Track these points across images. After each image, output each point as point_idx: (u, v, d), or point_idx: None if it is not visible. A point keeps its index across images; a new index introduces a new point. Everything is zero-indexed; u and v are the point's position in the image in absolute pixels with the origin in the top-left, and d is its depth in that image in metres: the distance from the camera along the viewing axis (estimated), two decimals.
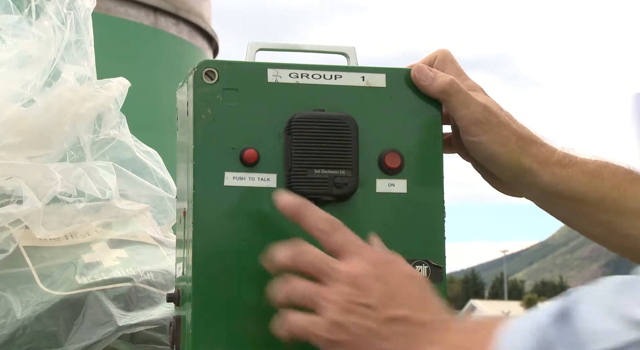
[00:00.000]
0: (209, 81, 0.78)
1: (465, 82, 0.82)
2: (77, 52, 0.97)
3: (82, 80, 0.97)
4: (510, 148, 0.81)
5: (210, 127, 0.78)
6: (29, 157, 0.95)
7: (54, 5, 0.96)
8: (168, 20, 7.51)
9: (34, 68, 0.94)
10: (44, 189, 0.93)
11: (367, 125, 0.79)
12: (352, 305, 0.67)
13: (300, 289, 0.70)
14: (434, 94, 0.80)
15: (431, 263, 0.80)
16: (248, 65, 0.80)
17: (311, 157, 0.77)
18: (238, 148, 0.77)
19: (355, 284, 0.68)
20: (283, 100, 0.79)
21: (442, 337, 0.66)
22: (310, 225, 0.72)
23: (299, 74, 0.79)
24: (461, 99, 0.80)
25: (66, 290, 0.92)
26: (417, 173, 0.80)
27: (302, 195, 0.76)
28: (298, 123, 0.78)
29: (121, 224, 1.03)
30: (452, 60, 0.85)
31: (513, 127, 0.82)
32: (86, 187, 0.98)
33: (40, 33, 0.95)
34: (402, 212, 0.80)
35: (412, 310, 0.68)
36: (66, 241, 0.96)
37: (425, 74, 0.81)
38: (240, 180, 0.77)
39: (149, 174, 1.08)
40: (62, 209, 0.96)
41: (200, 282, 0.76)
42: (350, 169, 0.78)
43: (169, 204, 1.10)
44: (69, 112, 0.96)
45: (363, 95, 0.80)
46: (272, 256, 0.72)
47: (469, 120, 0.80)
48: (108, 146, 1.04)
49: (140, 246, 1.02)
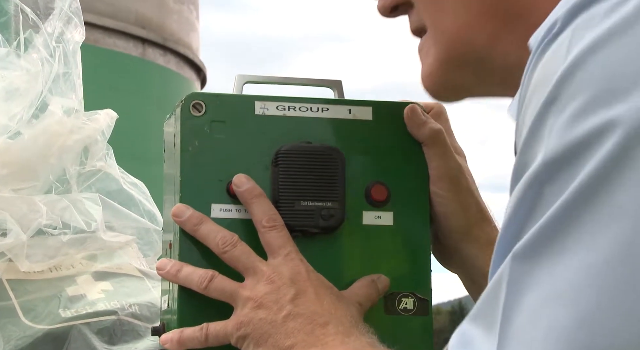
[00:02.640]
0: (197, 113, 0.78)
1: (452, 142, 0.83)
2: (65, 85, 0.98)
3: (69, 112, 0.98)
4: (468, 215, 0.81)
5: (197, 159, 0.78)
6: (14, 189, 0.95)
7: (42, 38, 0.97)
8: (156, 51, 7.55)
9: (21, 101, 0.94)
10: (29, 222, 0.92)
11: (354, 157, 0.80)
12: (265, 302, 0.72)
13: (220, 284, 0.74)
14: (420, 137, 0.81)
15: (417, 296, 0.80)
16: (235, 97, 0.81)
17: (298, 189, 0.78)
18: (225, 180, 0.78)
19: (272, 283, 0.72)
20: (270, 132, 0.79)
21: (343, 340, 0.68)
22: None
23: (286, 106, 0.80)
24: (442, 151, 0.81)
25: (49, 324, 0.91)
26: (403, 205, 0.81)
27: (289, 227, 0.76)
28: (285, 155, 0.78)
29: (106, 256, 1.02)
30: (446, 118, 0.86)
31: (477, 199, 0.83)
32: (71, 219, 0.97)
33: (29, 66, 0.95)
34: (388, 245, 0.80)
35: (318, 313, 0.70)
36: (50, 274, 0.96)
37: (418, 116, 0.82)
38: (227, 212, 0.78)
39: (135, 206, 1.08)
40: (47, 241, 0.96)
41: (185, 315, 0.76)
42: (337, 201, 0.78)
43: (155, 236, 1.09)
44: (55, 145, 0.96)
45: (350, 128, 0.81)
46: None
47: (442, 173, 0.80)
48: (94, 178, 1.04)
49: (126, 278, 1.01)
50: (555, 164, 0.47)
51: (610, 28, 0.47)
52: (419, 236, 0.81)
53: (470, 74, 0.68)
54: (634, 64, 0.46)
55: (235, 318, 0.73)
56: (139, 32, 7.25)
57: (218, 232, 0.75)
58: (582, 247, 0.45)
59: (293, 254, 0.74)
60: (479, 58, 0.66)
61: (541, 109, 0.48)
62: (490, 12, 0.64)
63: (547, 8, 0.54)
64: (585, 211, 0.45)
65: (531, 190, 0.48)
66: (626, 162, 0.45)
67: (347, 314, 0.72)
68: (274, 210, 0.76)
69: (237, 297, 0.73)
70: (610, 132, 0.45)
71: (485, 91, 0.72)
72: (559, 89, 0.47)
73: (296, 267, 0.74)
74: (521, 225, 0.48)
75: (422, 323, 0.80)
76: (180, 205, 0.77)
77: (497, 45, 0.65)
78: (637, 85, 0.45)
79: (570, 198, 0.46)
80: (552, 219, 0.46)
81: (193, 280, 0.75)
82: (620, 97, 0.45)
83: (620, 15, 0.47)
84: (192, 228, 0.76)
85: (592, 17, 0.48)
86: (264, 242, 0.75)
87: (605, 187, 0.45)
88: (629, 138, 0.45)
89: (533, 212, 0.47)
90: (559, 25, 0.49)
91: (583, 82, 0.47)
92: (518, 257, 0.47)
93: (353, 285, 0.78)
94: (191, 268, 0.76)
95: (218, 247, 0.75)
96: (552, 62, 0.49)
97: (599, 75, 0.46)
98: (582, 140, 0.46)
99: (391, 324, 0.79)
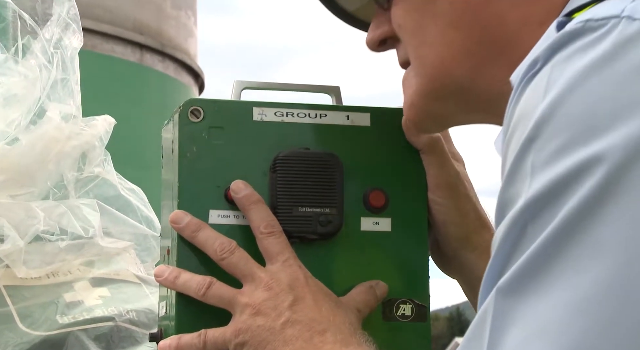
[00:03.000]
0: (195, 119, 0.78)
1: (450, 148, 0.84)
2: (62, 91, 0.98)
3: (67, 118, 0.98)
4: (467, 222, 0.81)
5: (196, 165, 0.78)
6: (11, 195, 0.95)
7: (40, 44, 0.97)
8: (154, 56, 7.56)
9: (19, 107, 0.94)
10: (26, 228, 0.92)
11: (352, 163, 0.80)
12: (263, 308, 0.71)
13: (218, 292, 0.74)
14: (418, 144, 0.81)
15: (415, 302, 0.80)
16: (234, 103, 0.81)
17: (296, 195, 0.78)
18: (223, 186, 0.78)
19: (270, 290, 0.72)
20: (268, 138, 0.79)
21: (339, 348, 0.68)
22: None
23: (284, 112, 0.80)
24: (440, 159, 0.81)
25: (46, 330, 0.91)
26: (401, 212, 0.81)
27: (287, 234, 0.76)
28: (283, 161, 0.78)
29: (104, 262, 1.02)
30: None
31: (476, 206, 0.83)
32: (69, 225, 0.97)
33: (27, 72, 0.95)
34: (386, 251, 0.80)
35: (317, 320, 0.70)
36: (47, 280, 0.96)
37: None
38: (225, 218, 0.77)
39: (133, 212, 1.08)
40: (44, 247, 0.96)
41: (183, 321, 0.76)
42: (335, 208, 0.78)
43: (153, 242, 1.09)
44: (53, 151, 0.96)
45: (348, 134, 0.81)
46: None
47: (440, 181, 0.80)
48: (92, 184, 1.04)
49: (123, 284, 1.01)
50: (538, 202, 0.47)
51: (587, 65, 0.48)
52: (417, 242, 0.81)
53: (452, 105, 0.69)
54: (611, 101, 0.46)
55: (233, 325, 0.73)
56: (137, 38, 7.26)
57: (216, 238, 0.75)
58: (565, 283, 0.45)
59: (291, 260, 0.74)
60: (460, 90, 0.67)
61: (522, 146, 0.49)
62: (473, 47, 0.65)
63: (530, 43, 0.55)
64: (567, 247, 0.46)
65: (515, 227, 0.48)
66: (607, 198, 0.45)
67: (345, 321, 0.72)
68: (272, 217, 0.76)
69: (236, 304, 0.73)
70: (591, 169, 0.46)
71: (467, 119, 0.73)
72: (539, 127, 0.48)
73: (294, 274, 0.73)
74: (505, 261, 0.48)
75: (420, 329, 0.80)
76: (179, 212, 0.77)
77: (480, 78, 0.66)
78: (615, 123, 0.46)
79: (552, 234, 0.46)
80: (535, 254, 0.47)
81: (191, 287, 0.75)
82: (599, 134, 0.46)
83: (596, 52, 0.48)
84: (190, 235, 0.76)
85: (570, 54, 0.49)
86: (262, 249, 0.75)
87: (586, 224, 0.45)
88: (609, 175, 0.45)
89: (517, 248, 0.48)
90: (540, 62, 0.50)
91: (562, 120, 0.47)
92: (502, 292, 0.47)
93: (351, 292, 0.78)
94: (189, 275, 0.75)
95: (216, 253, 0.75)
96: (532, 99, 0.50)
97: (577, 113, 0.47)
98: (563, 178, 0.46)
99: (389, 331, 0.79)
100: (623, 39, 0.47)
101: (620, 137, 0.45)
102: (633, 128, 0.45)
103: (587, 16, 0.50)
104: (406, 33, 0.69)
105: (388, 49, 0.74)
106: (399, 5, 0.69)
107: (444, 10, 0.66)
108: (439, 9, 0.66)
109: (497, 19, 0.64)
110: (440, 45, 0.66)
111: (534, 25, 0.62)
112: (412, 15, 0.68)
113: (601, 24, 0.48)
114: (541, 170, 0.47)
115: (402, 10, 0.69)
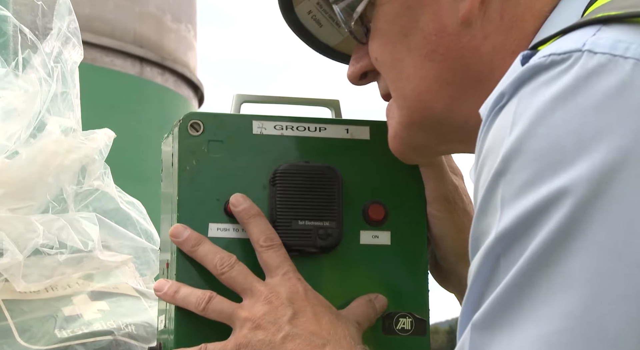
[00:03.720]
0: (195, 133, 0.79)
1: (449, 162, 0.84)
2: (62, 104, 0.98)
3: (67, 132, 0.98)
4: (464, 237, 0.81)
5: (195, 178, 0.78)
6: (10, 209, 0.95)
7: (40, 57, 0.97)
8: (154, 70, 7.58)
9: (19, 120, 0.94)
10: (25, 241, 0.92)
11: (351, 177, 0.80)
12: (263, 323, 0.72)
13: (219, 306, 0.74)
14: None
15: (415, 316, 0.80)
16: (233, 117, 0.81)
17: (295, 208, 0.78)
18: (222, 199, 0.78)
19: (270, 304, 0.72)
20: (268, 152, 0.79)
21: None
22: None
23: (283, 126, 0.80)
24: (438, 173, 0.81)
25: (45, 345, 0.90)
26: (400, 225, 0.81)
27: (286, 247, 0.76)
28: (282, 175, 0.78)
29: (103, 276, 1.02)
30: None
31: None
32: (68, 238, 0.97)
33: (27, 85, 0.95)
34: (385, 264, 0.80)
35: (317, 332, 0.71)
36: (46, 294, 0.95)
37: None
38: (225, 231, 0.77)
39: (132, 225, 1.08)
40: (43, 261, 0.95)
41: (182, 334, 0.76)
42: (335, 221, 0.78)
43: (152, 255, 1.09)
44: (52, 164, 0.96)
45: (347, 148, 0.81)
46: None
47: (438, 194, 0.81)
48: (91, 197, 1.04)
49: (122, 298, 1.01)
50: (509, 236, 0.48)
51: (551, 99, 0.49)
52: (417, 256, 0.81)
53: (433, 135, 0.71)
54: (575, 135, 0.47)
55: (233, 339, 0.73)
56: (136, 51, 7.28)
57: (216, 253, 0.75)
58: (537, 316, 0.46)
59: (290, 274, 0.74)
60: (440, 121, 0.69)
61: (492, 179, 0.50)
62: (448, 79, 0.67)
63: (504, 73, 0.56)
64: (538, 280, 0.46)
65: (487, 261, 0.49)
66: (574, 231, 0.46)
67: (346, 335, 0.72)
68: (272, 230, 0.76)
69: (235, 318, 0.73)
70: (558, 202, 0.47)
71: (449, 149, 0.75)
72: (507, 161, 0.49)
73: (294, 287, 0.73)
74: (479, 296, 0.49)
75: (420, 343, 0.79)
76: (178, 226, 0.77)
77: (457, 109, 0.67)
78: (580, 156, 0.47)
79: (523, 268, 0.47)
80: (506, 288, 0.47)
81: (191, 302, 0.74)
82: (565, 167, 0.47)
83: (559, 86, 0.49)
84: (190, 249, 0.76)
85: (535, 88, 0.50)
86: (262, 262, 0.75)
87: (555, 257, 0.46)
88: (576, 208, 0.46)
89: (490, 283, 0.49)
90: (507, 96, 0.52)
91: (529, 154, 0.48)
92: (477, 327, 0.48)
93: (351, 305, 0.78)
94: (189, 289, 0.75)
95: (216, 268, 0.75)
96: (499, 132, 0.51)
97: (543, 147, 0.48)
98: (532, 212, 0.47)
99: (389, 344, 0.79)
100: (584, 73, 0.48)
101: (585, 170, 0.46)
102: (596, 160, 0.46)
103: (551, 50, 0.51)
104: (383, 66, 0.71)
105: (369, 82, 0.76)
106: (376, 39, 0.70)
107: (419, 43, 0.67)
108: (413, 42, 0.67)
109: (470, 50, 0.65)
110: (417, 77, 0.68)
111: (507, 55, 0.64)
112: (388, 49, 0.69)
113: (564, 57, 0.50)
114: (510, 204, 0.48)
115: (378, 44, 0.70)
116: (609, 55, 0.48)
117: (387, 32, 0.69)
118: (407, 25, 0.67)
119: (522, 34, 0.63)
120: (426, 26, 0.66)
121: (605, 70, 0.48)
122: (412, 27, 0.67)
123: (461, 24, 0.65)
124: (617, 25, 0.50)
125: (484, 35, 0.64)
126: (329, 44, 0.81)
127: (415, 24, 0.67)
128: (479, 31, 0.64)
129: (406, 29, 0.67)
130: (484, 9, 0.64)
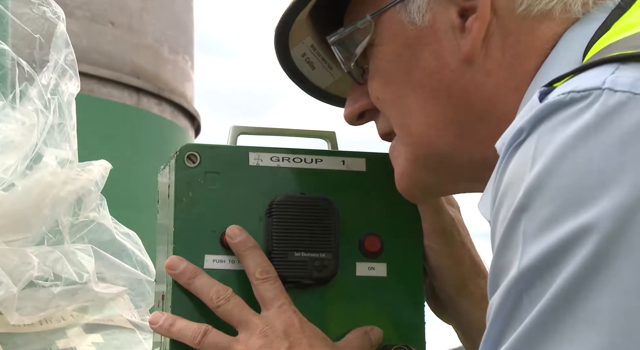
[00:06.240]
0: (191, 164, 0.79)
1: None
2: (59, 136, 0.98)
3: (63, 163, 0.98)
4: (462, 269, 0.81)
5: (191, 210, 0.78)
6: (6, 241, 0.95)
7: (37, 89, 0.98)
8: (151, 100, 7.61)
9: (16, 153, 0.94)
10: (20, 274, 0.92)
11: (347, 208, 0.80)
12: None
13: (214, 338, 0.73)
14: None
15: (411, 348, 0.79)
16: (230, 148, 0.81)
17: (291, 240, 0.77)
18: (219, 231, 0.77)
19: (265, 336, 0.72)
20: (264, 183, 0.79)
21: None
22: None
23: (280, 157, 0.80)
24: (435, 205, 0.81)
25: None
26: (397, 257, 0.80)
27: (282, 278, 0.76)
28: (279, 206, 0.78)
29: (97, 308, 1.01)
30: None
31: (471, 252, 0.83)
32: (63, 270, 0.96)
33: (24, 118, 0.96)
34: (382, 296, 0.80)
35: None
36: (40, 327, 0.94)
37: None
38: (221, 263, 0.77)
39: (127, 256, 1.07)
40: (38, 293, 0.95)
41: None
42: (331, 252, 0.78)
43: (147, 287, 1.08)
44: (48, 196, 0.96)
45: (343, 179, 0.81)
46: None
47: (435, 227, 0.81)
48: (87, 229, 1.03)
49: (117, 330, 1.00)
50: (532, 273, 0.48)
51: (573, 136, 0.49)
52: (413, 288, 0.81)
53: (440, 173, 0.71)
54: (597, 172, 0.47)
55: None
56: (134, 81, 7.32)
57: (212, 286, 0.75)
58: None
59: (286, 306, 0.74)
60: (445, 157, 0.69)
61: (513, 214, 0.50)
62: (452, 116, 0.67)
63: (506, 109, 0.56)
64: (563, 318, 0.46)
65: (509, 298, 0.49)
66: (599, 268, 0.46)
67: None
68: (267, 262, 0.76)
69: None
70: (582, 239, 0.46)
71: (455, 189, 0.75)
72: (529, 196, 0.49)
73: (289, 320, 0.73)
74: (501, 333, 0.49)
75: None
76: (174, 258, 0.76)
77: (462, 145, 0.67)
78: (603, 192, 0.47)
79: (547, 305, 0.47)
80: (531, 325, 0.47)
81: (186, 335, 0.74)
82: (588, 204, 0.47)
83: (580, 123, 0.49)
84: (186, 281, 0.76)
85: (555, 124, 0.50)
86: (257, 295, 0.75)
87: (580, 294, 0.46)
88: (601, 245, 0.46)
89: (512, 320, 0.48)
90: (526, 132, 0.52)
91: (552, 191, 0.48)
92: None
93: (346, 337, 0.77)
94: (184, 322, 0.75)
95: (212, 301, 0.75)
96: (520, 168, 0.51)
97: (566, 184, 0.48)
98: (556, 249, 0.47)
99: None
100: (605, 111, 0.49)
101: (609, 206, 0.46)
102: (620, 197, 0.46)
103: (570, 87, 0.51)
104: (386, 105, 0.71)
105: (367, 122, 0.76)
106: (376, 79, 0.71)
107: (421, 81, 0.67)
108: (416, 80, 0.68)
109: (473, 87, 0.65)
110: (421, 114, 0.68)
111: (509, 92, 0.64)
112: (391, 88, 0.70)
113: (584, 95, 0.50)
114: (533, 240, 0.48)
115: (379, 83, 0.70)
116: (630, 94, 0.48)
117: (388, 71, 0.69)
118: (409, 64, 0.67)
119: (524, 70, 0.64)
120: (428, 64, 0.67)
121: (626, 108, 0.48)
122: (413, 66, 0.67)
123: (463, 61, 0.65)
124: (635, 64, 0.50)
125: (486, 72, 0.65)
126: (320, 86, 0.81)
127: (417, 62, 0.67)
128: (481, 68, 0.65)
129: (408, 67, 0.68)
130: (485, 47, 0.65)
